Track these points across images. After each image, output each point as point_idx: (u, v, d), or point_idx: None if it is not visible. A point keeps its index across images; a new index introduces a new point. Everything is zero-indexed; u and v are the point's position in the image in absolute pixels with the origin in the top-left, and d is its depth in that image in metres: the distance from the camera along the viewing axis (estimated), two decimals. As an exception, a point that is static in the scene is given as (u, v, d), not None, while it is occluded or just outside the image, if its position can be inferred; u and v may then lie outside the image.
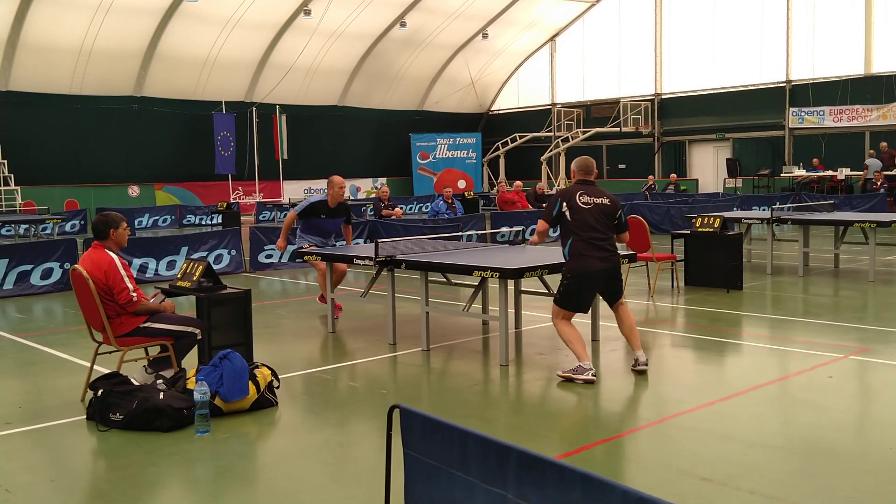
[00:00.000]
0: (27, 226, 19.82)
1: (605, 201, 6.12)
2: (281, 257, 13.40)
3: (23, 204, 24.58)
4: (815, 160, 27.17)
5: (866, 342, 7.21)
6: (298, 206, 8.89)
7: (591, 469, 2.18)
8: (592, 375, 5.91)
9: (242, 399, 5.34)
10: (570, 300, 6.08)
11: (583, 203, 6.03)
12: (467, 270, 6.66)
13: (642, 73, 32.94)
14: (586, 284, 6.05)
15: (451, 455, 2.61)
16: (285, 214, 25.92)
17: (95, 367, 5.89)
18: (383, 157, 34.79)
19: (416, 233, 13.05)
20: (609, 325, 7.96)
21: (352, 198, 31.51)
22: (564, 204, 6.03)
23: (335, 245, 9.20)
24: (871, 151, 25.07)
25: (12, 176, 25.18)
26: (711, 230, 10.32)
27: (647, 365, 6.16)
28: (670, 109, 32.45)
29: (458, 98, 36.89)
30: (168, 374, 5.73)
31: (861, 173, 24.83)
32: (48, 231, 20.06)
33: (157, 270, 12.24)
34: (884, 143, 25.30)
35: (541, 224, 6.22)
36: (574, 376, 5.93)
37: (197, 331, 5.94)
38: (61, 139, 26.76)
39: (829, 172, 25.83)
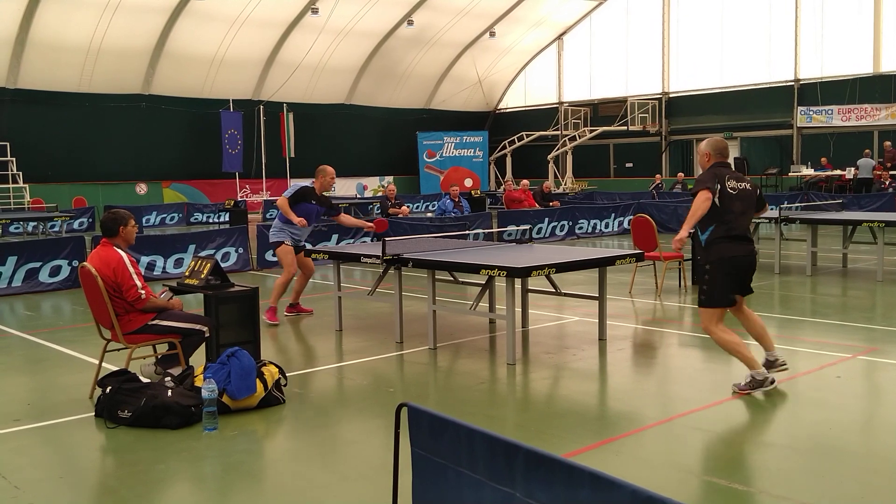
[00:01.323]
0: (35, 223, 19.91)
1: (748, 186, 5.78)
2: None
3: (31, 202, 24.67)
4: (823, 159, 27.08)
5: (874, 342, 7.18)
6: (288, 192, 8.67)
7: (598, 468, 2.18)
8: (771, 383, 5.48)
9: (250, 397, 5.35)
10: (723, 294, 5.55)
11: (731, 188, 5.62)
12: (474, 269, 6.66)
13: (650, 72, 32.87)
14: (735, 272, 5.57)
15: (459, 453, 2.61)
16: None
17: (104, 364, 5.91)
18: (390, 156, 34.81)
19: (422, 231, 13.05)
20: (615, 323, 7.96)
21: (359, 196, 31.55)
22: (718, 186, 5.55)
23: (305, 238, 8.92)
24: (867, 151, 25.00)
25: (21, 174, 25.28)
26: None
27: (786, 365, 5.77)
28: (678, 108, 32.37)
29: (465, 96, 36.88)
30: (176, 371, 5.75)
31: (837, 173, 25.08)
32: (56, 228, 20.13)
33: (164, 268, 12.27)
34: (888, 143, 25.25)
35: (704, 194, 5.48)
36: (753, 391, 5.44)
37: (205, 328, 5.95)
38: (69, 137, 26.85)
39: (838, 172, 25.74)
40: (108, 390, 5.25)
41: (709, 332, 5.68)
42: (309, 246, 8.84)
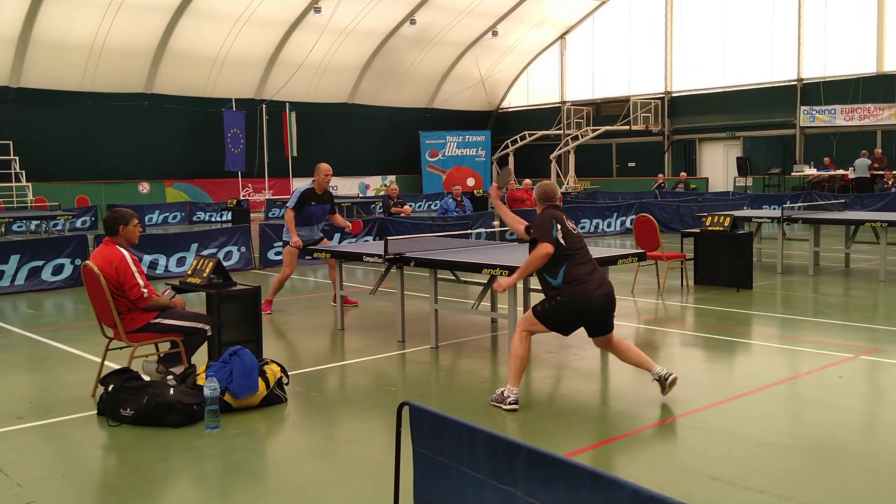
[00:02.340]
0: (38, 222, 19.92)
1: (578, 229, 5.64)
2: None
3: (34, 200, 24.70)
4: (826, 159, 27.05)
5: (877, 342, 7.17)
6: (291, 201, 9.07)
7: (600, 467, 2.18)
8: (514, 405, 5.28)
9: (252, 395, 5.36)
10: (558, 323, 5.39)
11: (571, 227, 5.51)
12: (476, 268, 6.67)
13: (652, 71, 32.85)
14: (584, 314, 5.37)
15: (461, 452, 2.61)
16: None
17: (106, 362, 5.92)
18: (392, 155, 34.82)
19: (425, 230, 13.05)
20: (617, 323, 7.95)
21: (361, 195, 31.55)
22: (558, 226, 5.37)
23: (321, 234, 9.38)
24: (864, 152, 25.02)
25: (24, 172, 25.30)
26: (721, 229, 10.28)
27: (671, 378, 5.40)
28: (680, 107, 32.35)
29: (467, 96, 36.87)
30: (178, 370, 5.76)
31: (839, 173, 25.16)
32: (59, 227, 20.15)
33: (167, 267, 12.29)
34: (878, 150, 25.41)
35: (544, 247, 5.26)
36: (500, 405, 5.32)
37: (207, 327, 5.96)
38: (72, 136, 26.89)
39: (841, 171, 25.73)
40: (110, 388, 5.26)
41: (516, 330, 5.49)
42: (293, 241, 8.99)
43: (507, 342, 6.68)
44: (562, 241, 5.34)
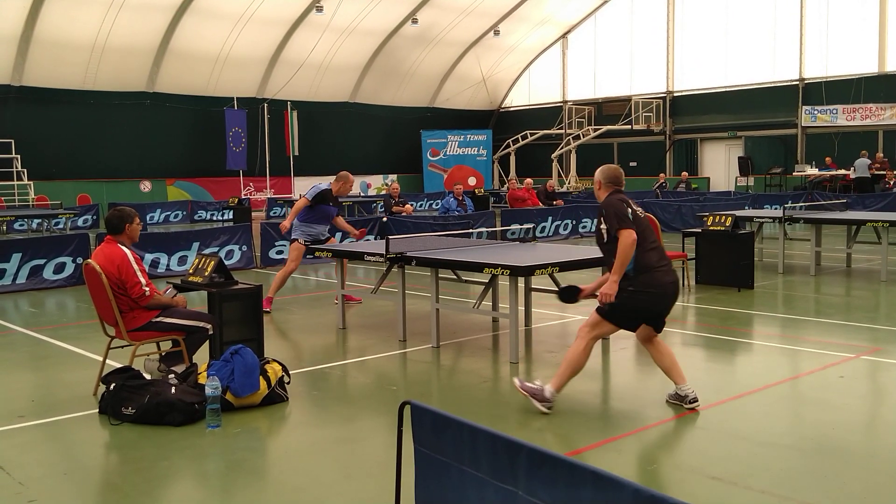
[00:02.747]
0: (40, 220, 19.95)
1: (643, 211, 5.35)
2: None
3: (35, 199, 24.72)
4: (827, 159, 27.04)
5: (878, 342, 7.17)
6: (310, 193, 9.13)
7: (601, 467, 2.18)
8: (548, 409, 5.11)
9: (253, 394, 5.36)
10: (628, 317, 5.14)
11: (639, 212, 5.21)
12: (478, 267, 6.66)
13: (654, 71, 32.84)
14: (656, 304, 5.13)
15: (462, 452, 2.61)
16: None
17: (108, 361, 5.92)
18: (394, 154, 34.82)
19: (426, 230, 13.05)
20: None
21: (362, 194, 31.56)
22: (629, 210, 5.09)
23: (328, 234, 9.52)
24: (864, 152, 25.02)
25: (25, 171, 25.33)
26: (723, 229, 10.28)
27: (697, 402, 5.21)
28: (682, 107, 32.34)
29: (469, 95, 36.87)
30: (180, 368, 5.76)
31: (841, 173, 25.16)
32: (61, 226, 20.17)
33: (168, 266, 12.30)
34: (879, 154, 25.42)
35: (629, 234, 4.95)
36: (532, 398, 5.13)
37: (209, 326, 5.97)
38: (74, 134, 26.90)
39: (842, 171, 25.72)
40: (111, 387, 5.26)
41: (580, 333, 5.22)
42: (301, 241, 9.06)
43: (508, 342, 6.69)
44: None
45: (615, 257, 5.03)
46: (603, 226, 5.12)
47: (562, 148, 32.99)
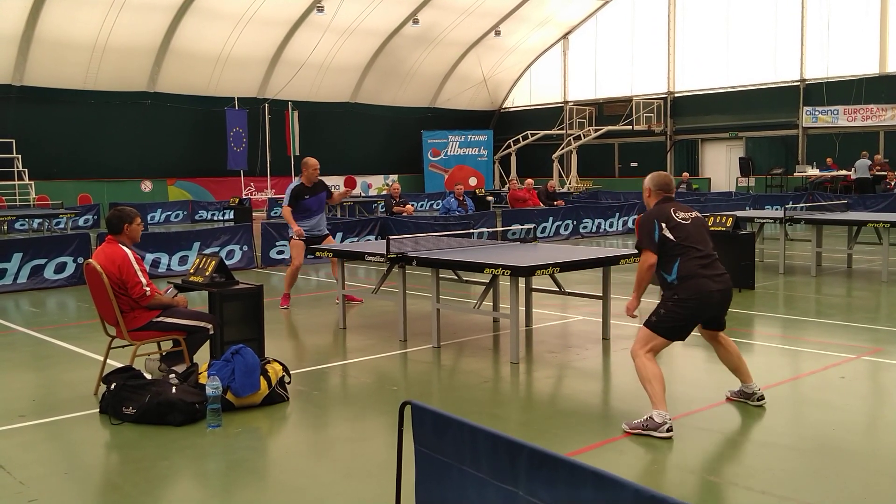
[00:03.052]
0: (41, 220, 19.96)
1: (697, 214, 5.28)
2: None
3: (36, 198, 24.73)
4: (828, 160, 27.03)
5: (879, 343, 7.17)
6: (285, 200, 9.38)
7: (601, 467, 2.18)
8: (669, 431, 4.74)
9: (254, 394, 5.37)
10: (681, 330, 5.02)
11: (682, 218, 5.11)
12: (478, 268, 6.66)
13: (655, 71, 32.82)
14: (701, 312, 5.04)
15: (463, 452, 2.61)
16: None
17: (108, 361, 5.92)
18: (395, 154, 34.82)
19: (427, 230, 13.05)
20: (619, 323, 7.96)
21: (363, 194, 31.56)
22: (662, 224, 5.05)
23: (327, 231, 9.67)
24: (864, 153, 25.02)
25: (26, 171, 25.33)
26: (724, 229, 10.27)
27: (763, 399, 5.29)
28: (683, 108, 32.33)
29: (470, 95, 36.87)
30: (180, 368, 5.77)
31: (842, 174, 25.21)
32: (62, 225, 20.18)
33: (169, 265, 12.30)
34: (878, 156, 25.41)
35: (646, 259, 5.00)
36: (649, 432, 4.76)
37: (209, 326, 5.97)
38: (75, 134, 26.90)
39: (843, 172, 25.71)
40: (112, 387, 5.27)
41: (634, 353, 5.03)
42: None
43: (509, 342, 6.69)
44: (670, 237, 4.99)
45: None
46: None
47: (563, 148, 32.98)
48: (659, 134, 32.34)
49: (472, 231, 10.49)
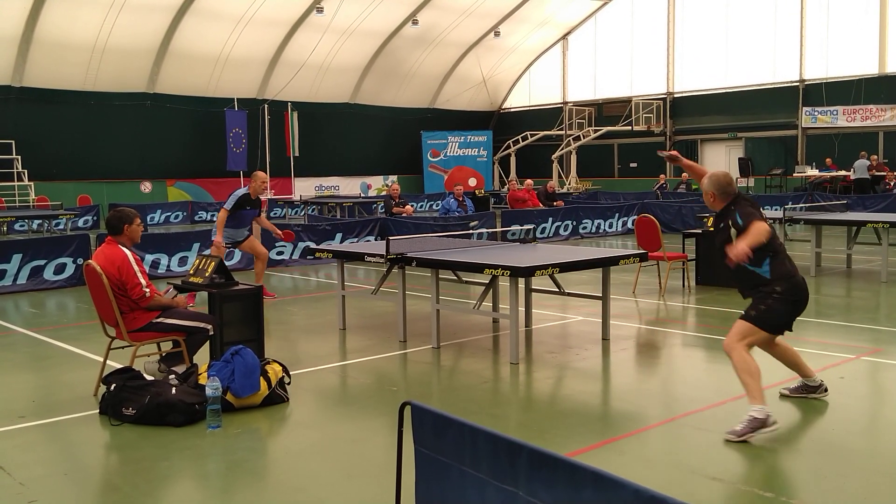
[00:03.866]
0: (40, 221, 19.95)
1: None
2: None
3: (36, 199, 24.73)
4: (828, 160, 27.04)
5: (879, 343, 7.17)
6: (228, 203, 9.52)
7: (601, 467, 2.18)
8: (774, 423, 4.67)
9: (254, 395, 5.36)
10: (780, 322, 4.99)
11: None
12: (478, 268, 6.66)
13: (654, 72, 32.83)
14: (799, 307, 5.06)
15: (463, 452, 2.61)
16: (296, 211, 26.08)
17: (108, 361, 5.92)
18: (394, 155, 34.82)
19: (426, 230, 13.05)
20: (619, 323, 7.96)
21: (362, 195, 31.56)
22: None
23: (247, 233, 9.87)
24: (863, 154, 25.04)
25: (26, 171, 25.33)
26: (723, 230, 10.25)
27: (827, 390, 5.37)
28: (682, 108, 32.34)
29: (469, 96, 36.88)
30: (180, 369, 5.76)
31: (841, 174, 25.27)
32: (61, 226, 20.18)
33: (169, 266, 12.30)
34: (875, 157, 25.43)
35: (760, 226, 4.85)
36: (757, 431, 4.64)
37: (209, 326, 5.97)
38: (74, 135, 26.91)
39: (843, 172, 25.73)
40: (112, 388, 5.26)
41: (731, 347, 4.95)
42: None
43: (509, 342, 6.69)
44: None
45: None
46: (732, 226, 4.97)
47: (562, 149, 32.99)
48: (658, 134, 32.34)
49: (471, 232, 10.49)
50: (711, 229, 10.28)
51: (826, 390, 5.44)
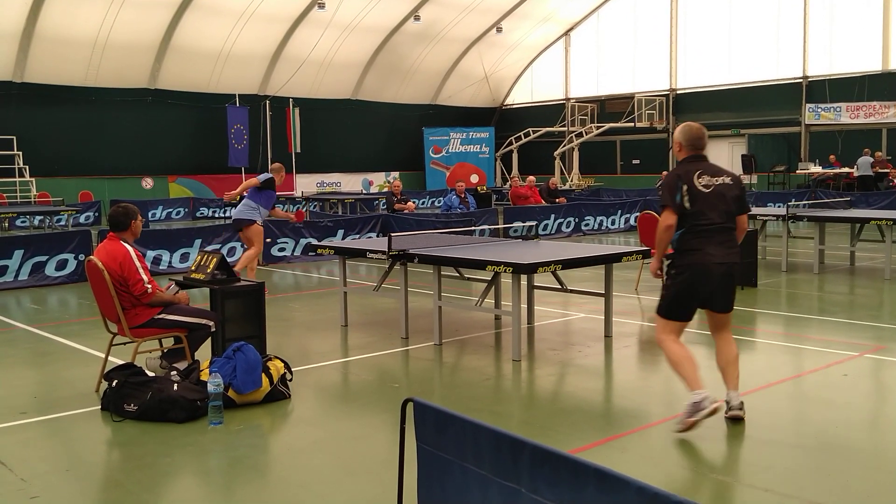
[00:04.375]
0: (42, 217, 19.95)
1: (727, 180, 4.87)
2: (294, 248, 13.41)
3: (37, 195, 24.73)
4: (831, 157, 26.98)
5: (882, 340, 7.15)
6: (262, 178, 9.77)
7: (604, 464, 2.17)
8: (712, 403, 4.57)
9: (255, 391, 5.36)
10: (679, 306, 4.81)
11: (702, 186, 4.78)
12: (480, 265, 6.65)
13: (657, 68, 32.77)
14: (699, 284, 4.76)
15: (465, 449, 2.60)
16: (297, 208, 26.06)
17: (110, 357, 5.92)
18: (396, 151, 34.80)
19: (428, 227, 13.04)
20: (622, 320, 7.95)
21: (364, 191, 31.55)
22: (684, 187, 4.75)
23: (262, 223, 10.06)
24: (866, 150, 24.98)
25: (27, 167, 25.34)
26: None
27: (742, 410, 4.88)
28: (685, 104, 32.27)
29: (471, 92, 36.83)
30: (182, 365, 5.76)
31: (845, 171, 25.24)
32: (63, 222, 20.17)
33: (170, 262, 12.30)
34: (879, 153, 25.37)
35: (667, 216, 4.74)
36: (692, 419, 4.58)
37: (211, 323, 5.96)
38: (76, 131, 26.90)
39: (846, 169, 25.67)
40: (114, 384, 5.26)
41: (658, 340, 4.89)
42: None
43: (511, 339, 6.68)
44: (686, 206, 4.71)
45: None
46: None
47: (564, 145, 32.94)
48: (661, 131, 32.29)
49: (473, 228, 10.49)
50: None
51: (739, 409, 4.84)
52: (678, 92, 32.39)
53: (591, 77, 35.15)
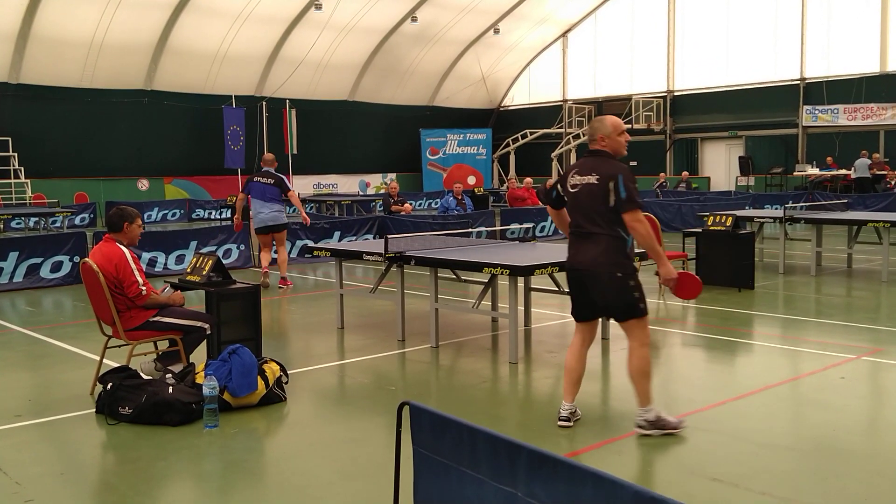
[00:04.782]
0: (37, 219, 19.90)
1: (593, 179, 4.60)
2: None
3: (33, 197, 24.68)
4: (828, 159, 27.02)
5: (879, 343, 7.15)
6: (292, 185, 10.86)
7: (601, 468, 2.15)
8: (563, 420, 4.82)
9: (251, 394, 5.34)
10: (572, 306, 4.95)
11: (571, 185, 4.70)
12: (477, 267, 6.64)
13: (655, 70, 32.80)
14: (570, 286, 4.88)
15: (461, 452, 2.59)
16: (294, 210, 26.06)
17: (105, 360, 5.89)
18: (393, 153, 34.79)
19: (425, 229, 13.02)
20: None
21: (361, 193, 31.53)
22: (559, 186, 4.82)
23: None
24: (864, 152, 25.03)
25: (22, 169, 25.27)
26: (723, 229, 10.25)
27: (645, 426, 4.72)
28: (683, 106, 32.31)
29: (468, 94, 36.84)
30: (177, 368, 5.73)
31: (842, 173, 25.31)
32: (58, 224, 20.13)
33: (166, 264, 12.27)
34: (877, 155, 25.41)
35: (549, 210, 5.02)
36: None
37: (206, 325, 5.94)
38: (71, 132, 26.85)
39: (843, 171, 25.71)
40: (109, 387, 5.24)
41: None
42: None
43: (508, 342, 6.66)
44: (564, 199, 4.83)
45: None
46: (613, 190, 4.66)
47: (562, 147, 32.95)
48: (658, 133, 32.32)
49: (470, 230, 10.47)
50: (712, 228, 10.28)
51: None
52: (675, 94, 32.43)
53: (589, 78, 35.18)
